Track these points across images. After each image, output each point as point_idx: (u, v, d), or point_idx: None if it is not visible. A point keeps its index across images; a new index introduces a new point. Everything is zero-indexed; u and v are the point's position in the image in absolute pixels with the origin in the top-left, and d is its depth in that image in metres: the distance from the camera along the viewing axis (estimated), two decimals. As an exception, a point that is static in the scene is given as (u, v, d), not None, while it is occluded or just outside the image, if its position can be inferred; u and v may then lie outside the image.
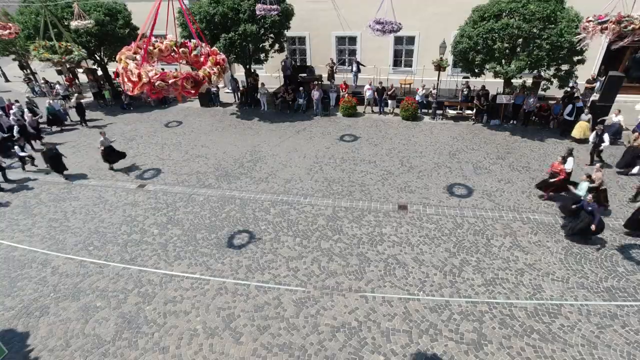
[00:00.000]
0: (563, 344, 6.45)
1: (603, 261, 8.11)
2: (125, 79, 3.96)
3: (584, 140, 12.92)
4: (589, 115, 12.90)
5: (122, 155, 13.02)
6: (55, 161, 12.24)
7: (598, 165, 9.64)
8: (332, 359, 6.38)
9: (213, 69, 4.17)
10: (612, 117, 12.96)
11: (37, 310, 7.56)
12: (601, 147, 11.47)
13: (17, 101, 16.46)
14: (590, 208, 8.34)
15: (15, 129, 13.88)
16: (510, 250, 8.67)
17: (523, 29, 12.41)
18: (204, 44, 4.86)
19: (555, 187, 10.00)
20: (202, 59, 4.55)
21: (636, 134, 11.47)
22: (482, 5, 13.82)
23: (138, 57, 4.12)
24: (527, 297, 7.38)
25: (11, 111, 15.19)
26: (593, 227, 8.19)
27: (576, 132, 13.20)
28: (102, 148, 12.37)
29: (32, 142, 14.85)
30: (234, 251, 8.95)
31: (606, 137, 11.37)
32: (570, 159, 9.90)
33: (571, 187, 9.52)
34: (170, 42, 4.57)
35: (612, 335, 6.57)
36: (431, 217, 9.89)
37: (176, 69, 4.18)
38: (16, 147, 12.94)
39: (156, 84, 3.81)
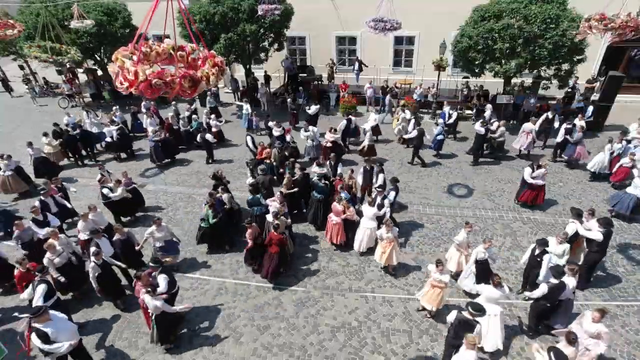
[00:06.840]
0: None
1: (603, 261, 8.08)
2: (122, 78, 3.93)
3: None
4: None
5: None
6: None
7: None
8: (332, 359, 6.39)
9: (212, 70, 4.15)
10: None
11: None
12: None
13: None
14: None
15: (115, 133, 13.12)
16: (510, 250, 8.68)
17: (524, 29, 12.40)
18: (202, 47, 4.84)
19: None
20: (199, 62, 4.54)
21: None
22: (483, 5, 13.83)
23: (134, 57, 4.10)
24: (527, 297, 7.37)
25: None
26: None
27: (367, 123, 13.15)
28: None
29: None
30: (234, 251, 8.95)
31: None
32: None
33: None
34: (168, 46, 4.54)
35: (612, 335, 6.56)
36: (431, 217, 9.89)
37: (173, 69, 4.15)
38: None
39: (153, 81, 3.79)
